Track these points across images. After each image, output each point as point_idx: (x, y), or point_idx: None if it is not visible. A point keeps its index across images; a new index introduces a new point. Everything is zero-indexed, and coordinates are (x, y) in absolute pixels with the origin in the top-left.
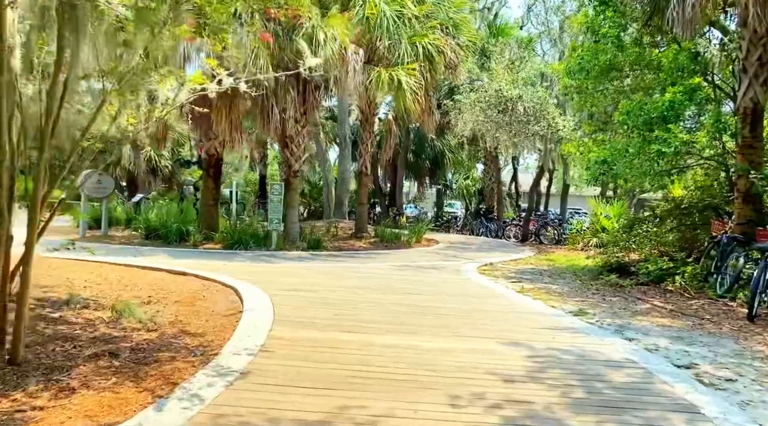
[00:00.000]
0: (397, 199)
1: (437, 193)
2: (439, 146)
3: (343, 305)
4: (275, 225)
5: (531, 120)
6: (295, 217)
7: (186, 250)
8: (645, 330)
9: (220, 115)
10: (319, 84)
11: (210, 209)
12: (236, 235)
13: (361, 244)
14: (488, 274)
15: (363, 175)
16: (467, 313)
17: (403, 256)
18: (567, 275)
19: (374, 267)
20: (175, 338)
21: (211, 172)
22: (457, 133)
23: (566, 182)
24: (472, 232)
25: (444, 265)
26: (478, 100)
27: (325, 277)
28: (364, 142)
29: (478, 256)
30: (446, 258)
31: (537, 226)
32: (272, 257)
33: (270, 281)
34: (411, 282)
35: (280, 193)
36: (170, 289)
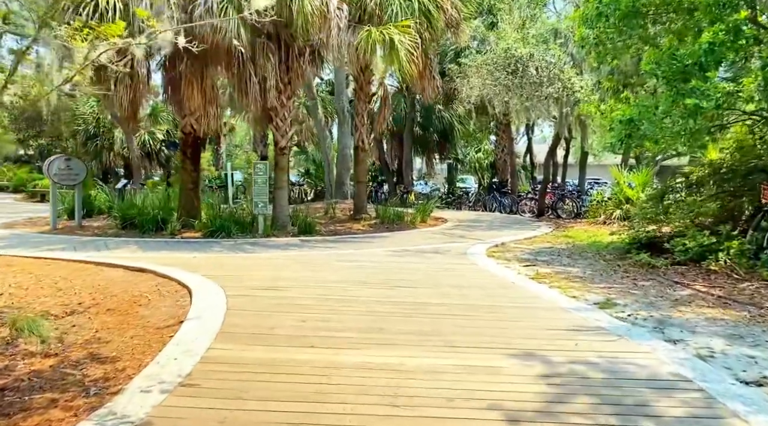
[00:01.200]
0: (405, 176)
1: (448, 168)
2: (448, 118)
3: (315, 307)
4: (261, 209)
5: (544, 81)
6: (284, 199)
7: (160, 241)
8: (691, 325)
9: (190, 87)
10: (303, 49)
11: (189, 194)
12: (218, 222)
13: (359, 227)
14: (498, 256)
15: (360, 150)
16: (468, 312)
17: (405, 238)
18: (589, 255)
19: (368, 254)
20: (75, 367)
21: (189, 152)
22: (463, 99)
23: (584, 150)
24: (485, 208)
25: (449, 247)
26: (485, 62)
27: (307, 270)
28: (359, 113)
29: (489, 235)
30: (452, 239)
31: (554, 199)
32: (254, 246)
33: (237, 277)
34: (406, 271)
35: (265, 173)
36: (113, 291)
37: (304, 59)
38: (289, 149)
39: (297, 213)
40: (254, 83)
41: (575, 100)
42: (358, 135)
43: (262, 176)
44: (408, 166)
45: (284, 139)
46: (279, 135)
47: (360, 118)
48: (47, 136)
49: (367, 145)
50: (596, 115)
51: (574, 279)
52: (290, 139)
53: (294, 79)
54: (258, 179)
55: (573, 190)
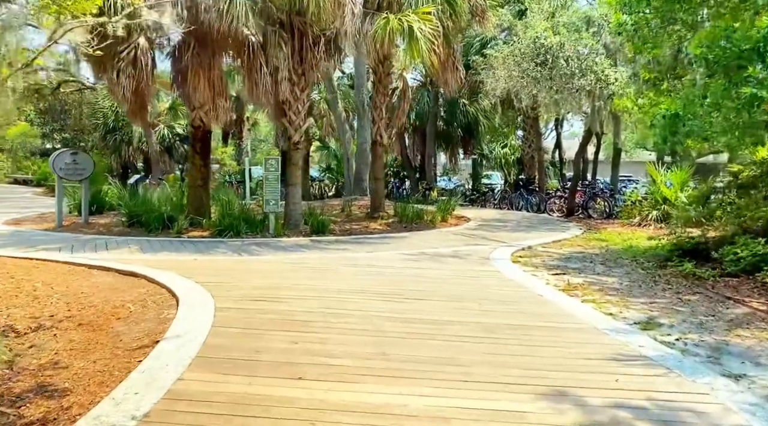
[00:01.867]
0: (427, 172)
1: (472, 163)
2: (472, 112)
3: (313, 324)
4: (272, 206)
5: (575, 73)
6: (296, 196)
7: (165, 240)
8: (753, 355)
9: (197, 78)
10: (317, 39)
11: (198, 191)
12: (226, 221)
13: (375, 226)
14: (524, 262)
15: (377, 145)
16: (490, 333)
17: (423, 240)
18: (625, 261)
19: (381, 257)
20: (13, 404)
21: (198, 146)
22: (489, 92)
23: (617, 146)
24: (510, 206)
25: (470, 251)
26: (512, 52)
27: (311, 276)
28: (377, 106)
29: (514, 237)
30: (475, 241)
31: (585, 198)
32: (262, 247)
33: (234, 285)
34: (421, 279)
35: (277, 169)
36: (93, 301)
37: (319, 49)
38: (309, 143)
39: (312, 211)
40: (265, 74)
41: (609, 94)
42: (376, 129)
43: (273, 172)
44: (430, 161)
45: (297, 133)
46: (292, 129)
47: (378, 112)
48: (71, 129)
49: (386, 140)
50: (633, 110)
51: (609, 291)
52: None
53: (308, 71)
54: (269, 176)
55: (604, 188)
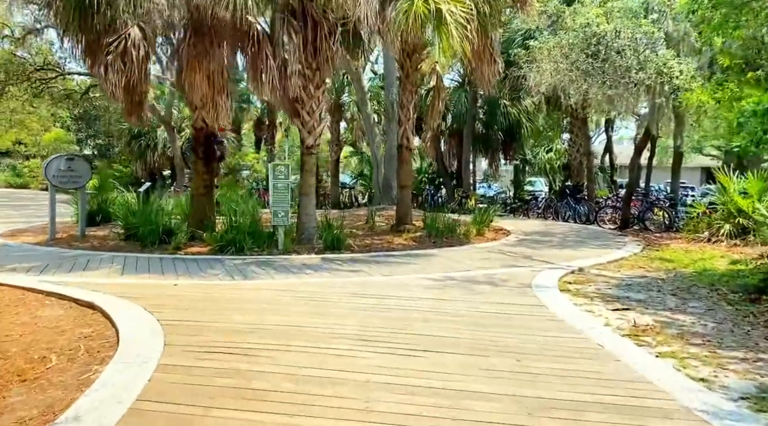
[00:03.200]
0: (464, 179)
1: (514, 169)
2: (514, 114)
3: (276, 397)
4: (280, 219)
5: (633, 65)
6: (310, 207)
7: (157, 257)
8: None
9: (193, 73)
10: (333, 28)
11: (200, 200)
12: (229, 235)
13: (400, 241)
14: (575, 291)
15: (404, 149)
16: (533, 420)
17: (453, 259)
18: (702, 291)
19: (398, 283)
20: None
21: (201, 151)
22: (532, 88)
23: (678, 150)
24: (556, 216)
25: (508, 274)
26: (558, 43)
27: (307, 311)
28: (404, 106)
29: (562, 255)
30: (514, 260)
31: (641, 209)
32: (263, 267)
33: (203, 325)
34: (441, 318)
35: (287, 177)
36: (11, 347)
37: (335, 40)
38: (340, 148)
39: (329, 223)
40: (272, 68)
41: (673, 88)
42: (402, 131)
43: (282, 180)
44: (467, 167)
45: (312, 136)
46: (305, 131)
47: (405, 112)
48: (104, 135)
49: (413, 144)
50: (709, 105)
51: (691, 338)
52: (335, 138)
53: (323, 65)
54: (278, 184)
55: (663, 197)
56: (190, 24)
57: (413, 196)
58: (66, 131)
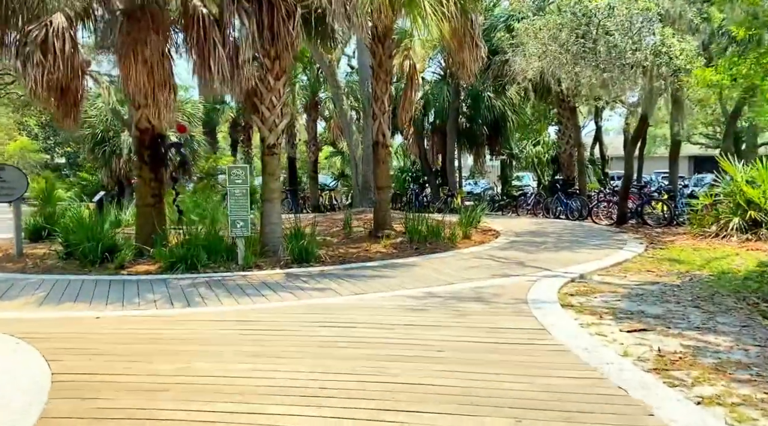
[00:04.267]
0: (449, 176)
1: (501, 164)
2: (499, 106)
3: None
4: (239, 230)
5: (628, 46)
6: (274, 215)
7: (92, 279)
8: None
9: (128, 62)
10: (292, 10)
11: (147, 212)
12: (181, 250)
13: (379, 248)
14: (579, 307)
15: (380, 146)
16: None
17: (435, 268)
18: (728, 301)
19: (369, 305)
20: None
21: (146, 155)
22: (518, 75)
23: (676, 137)
24: (547, 213)
25: (499, 286)
26: (546, 24)
27: (250, 352)
28: (378, 98)
29: (559, 259)
30: (505, 268)
31: (639, 202)
32: (214, 288)
33: (111, 378)
34: (417, 353)
35: (245, 182)
36: None
37: (295, 24)
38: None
39: (298, 231)
40: (221, 57)
41: (673, 70)
42: (377, 126)
43: (239, 186)
44: (452, 164)
45: (273, 134)
46: (266, 129)
47: (379, 105)
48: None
49: (390, 140)
50: (724, 82)
51: (735, 371)
52: (313, 137)
53: (283, 53)
54: (235, 189)
55: (661, 188)
56: (122, 6)
57: (397, 196)
58: (32, 140)
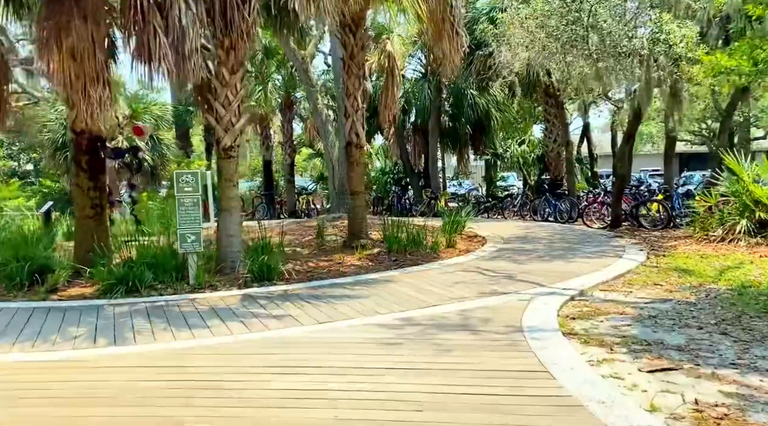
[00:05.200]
0: (432, 178)
1: (485, 165)
2: (483, 104)
3: None
4: (190, 245)
5: (623, 32)
6: (232, 226)
7: (15, 307)
8: None
9: (49, 52)
10: None
11: (87, 226)
12: (122, 270)
13: (353, 261)
14: (584, 334)
15: (353, 147)
16: None
17: (415, 285)
18: (758, 323)
19: (337, 338)
20: None
21: (84, 161)
22: (504, 68)
23: (671, 133)
24: (534, 214)
25: (488, 309)
26: (532, 12)
27: (172, 418)
28: (350, 93)
29: (553, 270)
30: (494, 284)
31: (634, 203)
32: (153, 317)
33: None
34: (396, 417)
35: (195, 189)
36: None
37: (252, 10)
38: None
39: (261, 244)
40: (163, 46)
41: (674, 58)
42: (349, 125)
43: (189, 194)
44: (435, 165)
45: (229, 135)
46: (221, 128)
47: (352, 102)
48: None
49: (364, 140)
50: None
51: None
52: (289, 139)
53: (238, 42)
54: (184, 198)
55: (659, 187)
56: None
57: (378, 199)
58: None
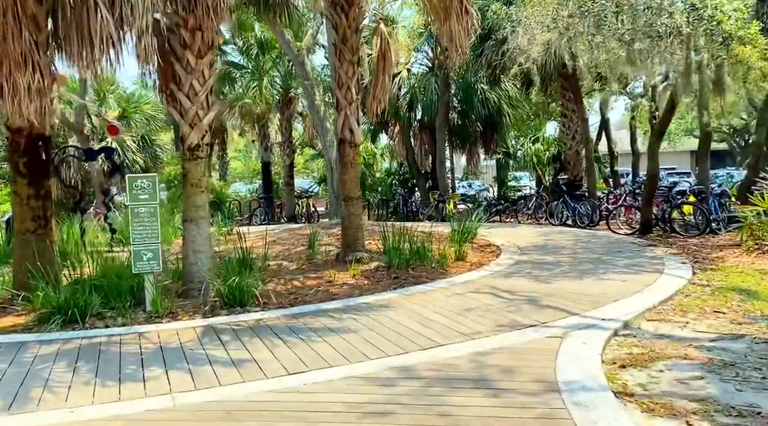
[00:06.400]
0: (440, 179)
1: (497, 164)
2: (494, 99)
3: None
4: (147, 263)
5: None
6: (200, 240)
7: None
8: None
9: None
10: None
11: (27, 241)
12: (60, 294)
13: (346, 278)
14: (644, 394)
15: (346, 144)
16: None
17: (419, 314)
18: None
19: (302, 398)
20: None
21: (22, 164)
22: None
23: (706, 128)
24: (551, 217)
25: (508, 350)
26: None
27: None
28: (342, 84)
29: (583, 291)
30: (515, 310)
31: (668, 206)
32: (81, 362)
33: None
34: None
35: (152, 197)
36: None
37: None
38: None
39: (245, 255)
40: (106, 23)
41: (724, 36)
42: (342, 120)
43: (146, 202)
44: (442, 165)
45: (197, 131)
46: (186, 123)
47: (344, 92)
48: None
49: (359, 137)
50: None
51: None
52: (287, 139)
53: (205, 20)
54: (139, 208)
55: (689, 189)
56: None
57: (383, 202)
58: None
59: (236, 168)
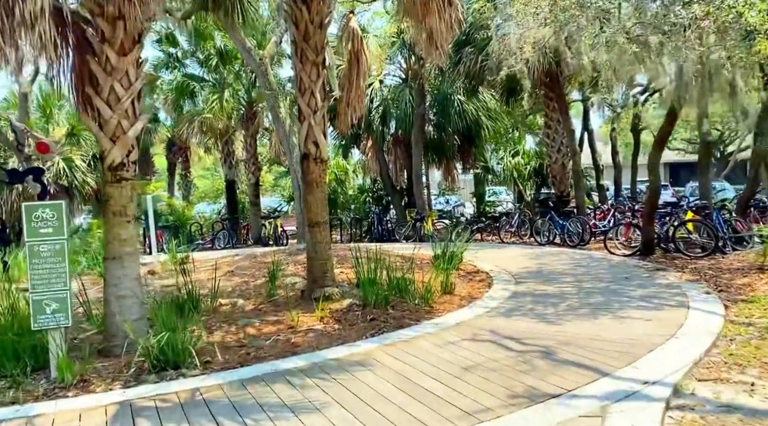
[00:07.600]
0: (416, 196)
1: (475, 179)
2: (472, 111)
3: None
4: (52, 316)
5: None
6: (126, 282)
7: None
8: None
9: None
10: None
11: None
12: None
13: (312, 322)
14: None
15: (311, 160)
16: None
17: (403, 377)
18: None
19: None
20: None
21: None
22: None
23: (706, 138)
24: (536, 235)
25: None
26: None
27: None
28: (305, 88)
29: (605, 337)
30: (526, 367)
31: (673, 223)
32: None
33: None
34: None
35: (58, 232)
36: None
37: None
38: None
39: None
40: None
41: (748, 30)
42: (306, 131)
43: (49, 238)
44: (419, 181)
45: (120, 146)
46: (106, 137)
47: (307, 98)
48: None
49: (325, 151)
50: None
51: None
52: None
53: (127, 8)
54: (40, 246)
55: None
56: None
57: (356, 221)
58: None
59: (204, 187)
